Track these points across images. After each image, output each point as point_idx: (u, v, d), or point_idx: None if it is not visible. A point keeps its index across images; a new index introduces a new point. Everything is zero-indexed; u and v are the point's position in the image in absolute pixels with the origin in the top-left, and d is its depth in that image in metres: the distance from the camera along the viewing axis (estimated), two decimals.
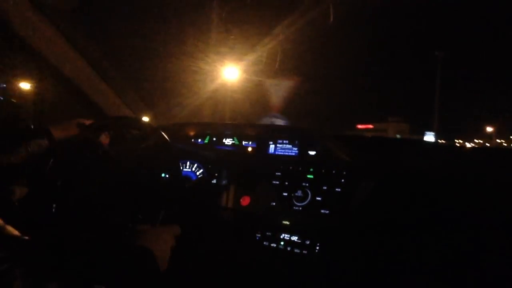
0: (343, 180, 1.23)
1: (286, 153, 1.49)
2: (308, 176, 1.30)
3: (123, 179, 1.09)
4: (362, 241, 1.13)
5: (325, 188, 1.24)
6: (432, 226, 1.11)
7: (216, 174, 1.45)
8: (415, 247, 1.09)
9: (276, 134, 1.55)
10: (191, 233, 1.21)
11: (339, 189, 1.22)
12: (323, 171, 1.28)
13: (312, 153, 1.44)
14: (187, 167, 1.49)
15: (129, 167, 1.13)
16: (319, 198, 1.23)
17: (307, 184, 1.28)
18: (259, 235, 1.23)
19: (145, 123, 1.23)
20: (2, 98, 1.53)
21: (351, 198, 1.20)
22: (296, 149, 1.48)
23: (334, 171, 1.26)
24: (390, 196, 1.19)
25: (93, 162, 1.02)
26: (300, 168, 1.33)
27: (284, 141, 1.51)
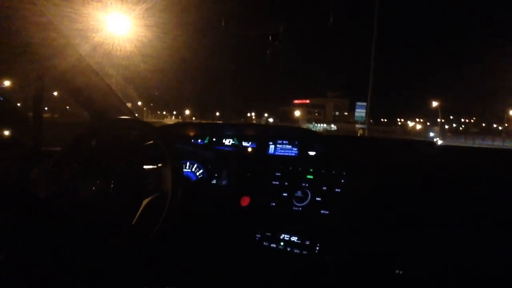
0: (343, 181, 1.24)
1: (286, 154, 1.49)
2: (308, 176, 1.30)
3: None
4: (362, 241, 1.13)
5: (325, 188, 1.24)
6: (432, 225, 1.11)
7: (216, 174, 1.46)
8: (415, 246, 1.09)
9: (276, 134, 1.55)
10: (190, 233, 1.22)
11: (339, 190, 1.22)
12: (323, 171, 1.29)
13: (312, 153, 1.44)
14: (187, 167, 1.49)
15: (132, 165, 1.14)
16: (319, 199, 1.23)
17: (307, 185, 1.28)
18: (259, 236, 1.23)
19: (144, 123, 1.23)
20: (2, 98, 1.53)
21: (351, 198, 1.20)
22: (296, 149, 1.48)
23: (334, 172, 1.27)
24: (390, 196, 1.19)
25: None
26: (300, 169, 1.33)
27: (284, 142, 1.51)
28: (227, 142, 1.66)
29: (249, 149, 1.59)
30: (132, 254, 1.06)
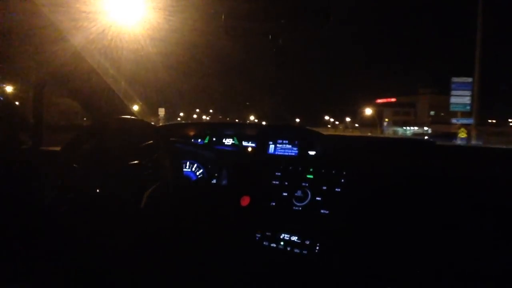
0: (343, 180, 1.23)
1: (286, 153, 1.49)
2: (308, 176, 1.30)
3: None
4: (362, 241, 1.13)
5: (325, 188, 1.24)
6: (433, 227, 1.11)
7: (216, 174, 1.45)
8: (415, 247, 1.09)
9: (276, 134, 1.55)
10: (190, 233, 1.22)
11: (339, 189, 1.22)
12: (323, 171, 1.28)
13: (312, 153, 1.44)
14: (187, 167, 1.49)
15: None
16: (319, 198, 1.23)
17: (307, 184, 1.28)
18: (259, 235, 1.23)
19: (145, 123, 1.23)
20: (2, 98, 1.54)
21: (351, 198, 1.20)
22: (296, 149, 1.48)
23: (334, 171, 1.26)
24: (390, 197, 1.19)
25: None
26: (300, 168, 1.33)
27: (284, 141, 1.51)
28: (227, 142, 1.66)
29: (249, 149, 1.59)
30: (134, 254, 1.06)
